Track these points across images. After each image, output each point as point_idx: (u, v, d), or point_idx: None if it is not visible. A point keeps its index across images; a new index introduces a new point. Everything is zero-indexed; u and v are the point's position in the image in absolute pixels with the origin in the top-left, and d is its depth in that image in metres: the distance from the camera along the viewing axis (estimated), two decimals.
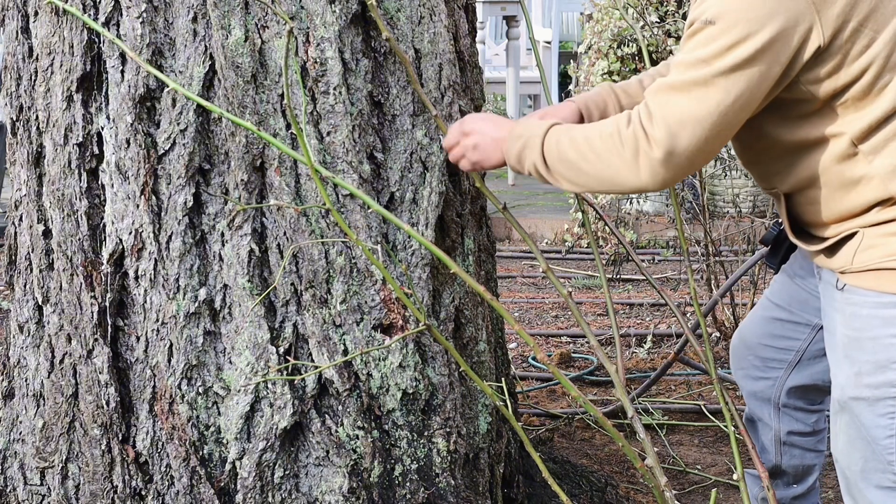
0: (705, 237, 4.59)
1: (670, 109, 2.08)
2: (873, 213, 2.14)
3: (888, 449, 2.19)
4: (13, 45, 2.70)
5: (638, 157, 2.11)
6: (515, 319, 2.37)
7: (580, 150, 2.18)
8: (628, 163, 2.12)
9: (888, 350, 2.15)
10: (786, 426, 2.62)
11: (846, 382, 2.22)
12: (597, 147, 2.16)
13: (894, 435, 2.18)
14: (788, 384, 2.58)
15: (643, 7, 6.10)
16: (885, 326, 2.15)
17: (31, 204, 2.69)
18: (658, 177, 2.11)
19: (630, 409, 2.26)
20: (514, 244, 6.88)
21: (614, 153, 2.13)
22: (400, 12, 2.55)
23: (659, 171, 2.10)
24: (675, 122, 2.08)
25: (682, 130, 2.07)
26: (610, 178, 2.16)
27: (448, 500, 2.57)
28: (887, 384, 2.16)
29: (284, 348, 2.50)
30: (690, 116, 2.07)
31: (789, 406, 2.61)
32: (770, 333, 2.57)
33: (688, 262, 2.60)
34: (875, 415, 2.19)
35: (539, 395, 4.11)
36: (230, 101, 2.45)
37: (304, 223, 2.48)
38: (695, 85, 2.06)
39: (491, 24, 9.74)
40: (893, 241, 2.13)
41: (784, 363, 2.57)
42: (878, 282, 2.14)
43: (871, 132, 2.11)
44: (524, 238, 2.50)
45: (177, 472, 2.52)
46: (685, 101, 2.07)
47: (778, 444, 2.64)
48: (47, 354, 2.67)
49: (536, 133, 2.24)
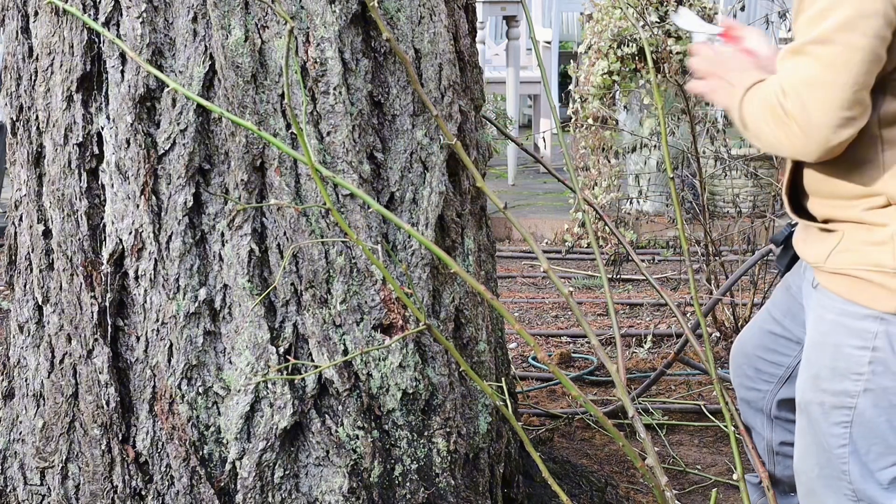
0: (705, 237, 4.59)
1: (798, 77, 1.98)
2: (860, 209, 2.10)
3: (841, 458, 2.17)
4: (13, 45, 2.70)
5: (789, 134, 2.02)
6: (515, 319, 2.37)
7: (756, 123, 2.08)
8: (782, 138, 2.03)
9: (848, 360, 2.12)
10: (778, 437, 2.59)
11: (804, 385, 2.20)
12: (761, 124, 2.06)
13: (847, 445, 2.16)
14: (779, 396, 2.55)
15: (643, 7, 6.10)
16: (848, 336, 2.12)
17: (31, 204, 2.69)
18: (810, 147, 2.01)
19: (631, 409, 2.26)
20: (514, 244, 6.88)
21: (770, 131, 2.05)
22: (400, 12, 2.55)
23: (808, 144, 2.01)
24: (804, 88, 1.97)
25: (812, 96, 1.97)
26: (781, 150, 2.07)
27: (448, 500, 2.58)
28: (843, 393, 2.14)
29: (284, 348, 2.50)
30: (817, 80, 1.96)
31: (781, 418, 2.57)
32: (764, 346, 2.53)
33: (688, 262, 2.59)
34: (829, 423, 2.16)
35: (539, 395, 4.11)
36: (230, 101, 2.45)
37: (304, 223, 2.48)
38: (815, 44, 1.96)
39: (491, 24, 9.74)
40: (869, 250, 2.09)
41: (775, 377, 2.53)
42: (848, 289, 2.12)
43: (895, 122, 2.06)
44: (525, 238, 2.49)
45: (177, 472, 2.52)
46: (808, 64, 1.97)
47: (771, 454, 2.62)
48: (47, 354, 2.67)
49: (739, 90, 2.13)
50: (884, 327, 2.09)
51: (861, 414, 2.14)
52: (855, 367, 2.12)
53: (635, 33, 6.17)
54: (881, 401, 2.12)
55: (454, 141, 2.45)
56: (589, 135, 6.38)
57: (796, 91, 1.98)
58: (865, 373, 2.12)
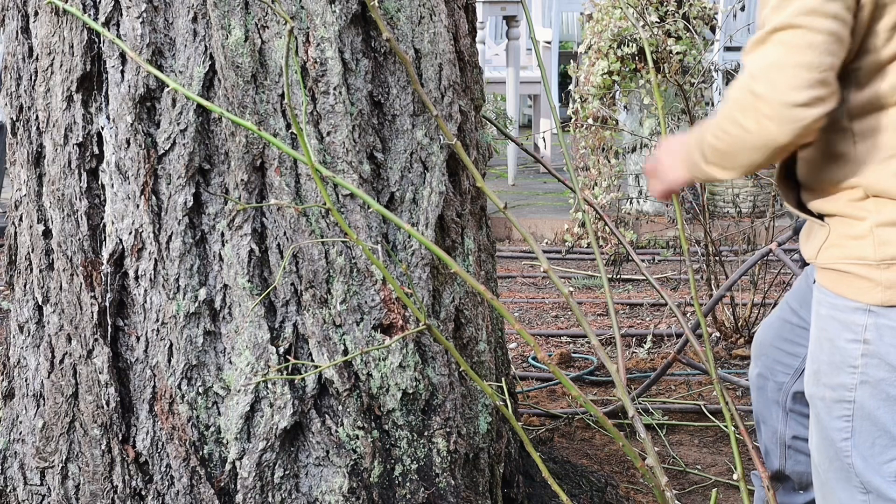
0: (705, 237, 4.59)
1: (766, 61, 2.02)
2: (843, 202, 2.13)
3: (844, 452, 2.20)
4: (13, 45, 2.70)
5: (759, 117, 2.04)
6: (515, 319, 2.37)
7: (720, 139, 2.12)
8: (751, 125, 2.06)
9: (843, 353, 2.15)
10: (791, 430, 2.62)
11: (808, 380, 2.24)
12: (730, 130, 2.10)
13: (850, 438, 2.19)
14: (795, 388, 2.58)
15: (643, 7, 6.10)
16: (841, 329, 2.15)
17: (31, 204, 2.69)
18: (783, 127, 2.04)
19: (631, 409, 2.26)
20: (514, 244, 6.88)
21: (740, 127, 2.08)
22: (400, 12, 2.55)
23: (780, 124, 2.03)
24: (773, 70, 2.01)
25: (780, 76, 2.01)
26: (754, 146, 2.09)
27: (448, 500, 2.58)
28: (842, 387, 2.17)
29: (284, 348, 2.50)
30: (784, 62, 2.02)
31: (795, 411, 2.61)
32: (782, 337, 2.58)
33: (688, 262, 2.60)
34: (832, 416, 2.20)
35: (539, 395, 4.11)
36: (230, 101, 2.45)
37: (304, 223, 2.48)
38: (778, 31, 2.01)
39: (491, 24, 9.74)
40: (851, 244, 2.12)
41: (792, 368, 2.57)
42: (837, 284, 2.15)
43: (864, 114, 2.09)
44: (525, 238, 2.49)
45: (177, 472, 2.52)
46: (774, 49, 2.01)
47: (783, 448, 2.64)
48: (47, 354, 2.67)
49: (693, 143, 2.20)
50: (873, 319, 2.12)
51: (861, 407, 2.17)
52: (850, 360, 2.16)
53: (635, 33, 6.17)
54: (878, 392, 2.15)
55: (454, 141, 2.45)
56: (589, 135, 6.38)
57: (765, 73, 2.01)
58: (860, 365, 2.15)
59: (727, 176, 2.18)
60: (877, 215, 2.10)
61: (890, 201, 2.10)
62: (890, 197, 2.10)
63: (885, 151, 2.09)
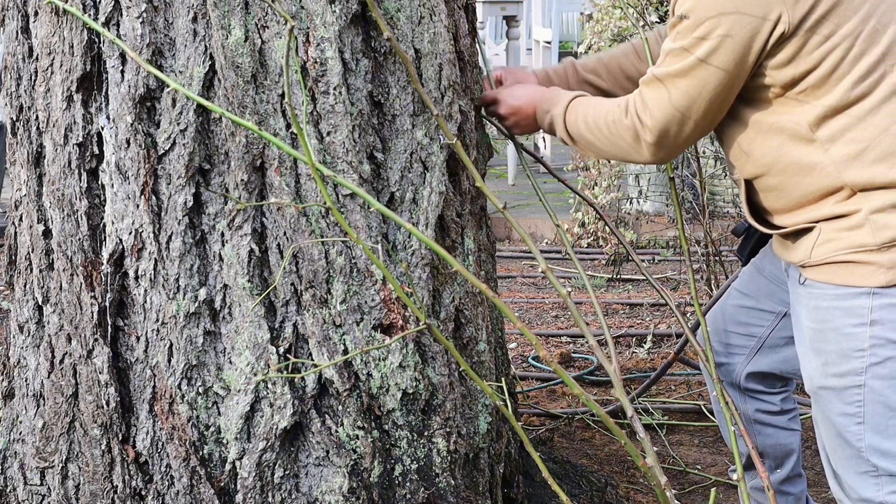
0: (705, 237, 4.59)
1: (659, 99, 2.30)
2: (830, 206, 2.23)
3: (857, 436, 2.27)
4: (13, 45, 2.70)
5: (639, 142, 2.36)
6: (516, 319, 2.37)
7: (593, 133, 2.47)
8: (632, 146, 2.38)
9: (850, 339, 2.23)
10: (752, 406, 2.73)
11: (814, 373, 2.31)
12: (605, 133, 2.42)
13: (863, 422, 2.26)
14: (748, 370, 2.69)
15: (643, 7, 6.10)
16: (845, 317, 2.23)
17: (31, 204, 2.69)
18: (657, 156, 2.39)
19: (629, 408, 2.26)
20: (514, 244, 6.88)
21: (619, 138, 2.39)
22: (400, 12, 2.55)
23: (657, 152, 2.37)
24: (663, 110, 2.30)
25: (670, 118, 2.30)
26: (622, 155, 2.45)
27: (448, 500, 2.58)
28: (851, 372, 2.24)
29: (284, 348, 2.50)
30: (675, 105, 2.29)
31: (751, 389, 2.72)
32: (736, 320, 2.68)
33: (688, 262, 2.61)
34: (843, 403, 2.27)
35: (539, 395, 4.11)
36: (230, 101, 2.45)
37: (304, 223, 2.48)
38: (677, 76, 2.26)
39: (491, 24, 9.74)
40: (848, 235, 2.21)
41: (746, 349, 2.67)
42: (835, 275, 2.23)
43: (826, 120, 2.21)
44: (524, 238, 2.50)
45: (177, 472, 2.52)
46: (669, 91, 2.28)
47: (750, 424, 2.75)
48: (47, 354, 2.67)
49: (558, 112, 2.56)
50: (877, 301, 2.21)
51: (872, 390, 2.24)
52: (857, 345, 2.23)
53: (635, 33, 6.16)
54: (887, 372, 2.22)
55: (454, 141, 2.45)
56: None
57: (653, 116, 2.32)
58: (867, 347, 2.23)
59: (572, 146, 2.60)
60: (869, 204, 2.19)
61: (878, 190, 2.19)
62: (877, 186, 2.19)
63: (856, 146, 2.19)
